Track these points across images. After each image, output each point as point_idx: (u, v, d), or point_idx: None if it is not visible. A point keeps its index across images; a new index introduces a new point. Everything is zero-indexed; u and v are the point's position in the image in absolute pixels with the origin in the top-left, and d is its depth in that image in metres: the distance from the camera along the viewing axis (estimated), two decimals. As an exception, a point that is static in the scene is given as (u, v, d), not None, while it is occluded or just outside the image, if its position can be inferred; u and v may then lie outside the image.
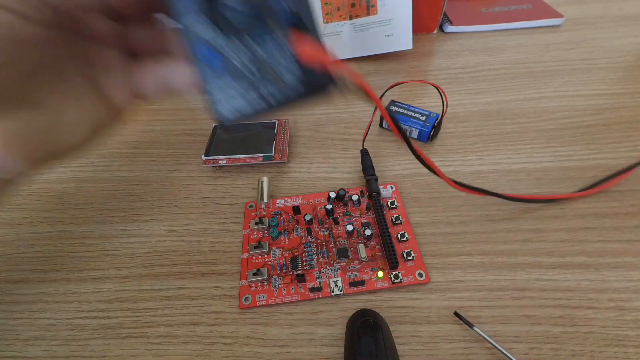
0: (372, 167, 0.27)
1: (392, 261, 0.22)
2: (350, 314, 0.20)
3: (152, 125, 0.34)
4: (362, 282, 0.21)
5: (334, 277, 0.22)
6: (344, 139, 0.31)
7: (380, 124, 0.32)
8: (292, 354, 0.19)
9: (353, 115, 0.34)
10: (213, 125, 0.32)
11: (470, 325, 0.19)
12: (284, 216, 0.25)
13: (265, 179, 0.26)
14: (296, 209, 0.25)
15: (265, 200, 0.26)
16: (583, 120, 0.31)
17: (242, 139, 0.30)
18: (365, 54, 0.40)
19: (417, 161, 0.28)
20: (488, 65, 0.38)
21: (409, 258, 0.22)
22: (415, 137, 0.30)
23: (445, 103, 0.29)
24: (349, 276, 0.22)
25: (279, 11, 0.15)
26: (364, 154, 0.28)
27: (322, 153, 0.30)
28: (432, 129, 0.29)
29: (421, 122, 0.30)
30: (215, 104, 0.16)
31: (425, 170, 0.28)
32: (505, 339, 0.19)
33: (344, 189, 0.25)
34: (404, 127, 0.30)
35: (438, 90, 0.28)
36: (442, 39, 0.43)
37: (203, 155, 0.29)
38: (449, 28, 0.44)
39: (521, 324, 0.19)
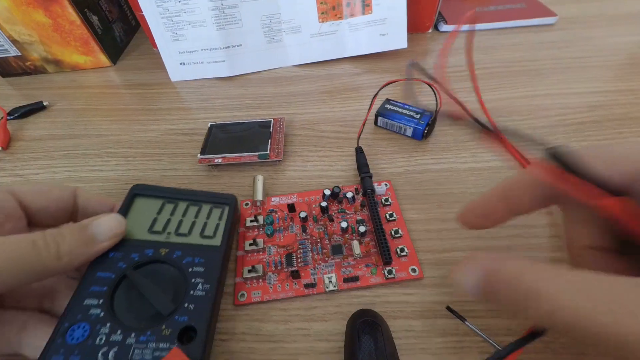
0: (367, 165, 0.27)
1: (385, 257, 0.22)
2: (344, 310, 0.21)
3: (148, 125, 0.34)
4: (356, 278, 0.22)
5: (329, 273, 0.22)
6: (339, 137, 0.31)
7: (375, 122, 0.32)
8: (286, 349, 0.19)
9: (348, 114, 0.34)
10: (209, 125, 0.32)
11: (463, 319, 0.19)
12: (279, 214, 0.25)
13: (260, 177, 0.27)
14: (291, 207, 0.25)
15: (260, 198, 0.26)
16: (575, 117, 0.31)
17: (238, 138, 0.30)
18: (361, 53, 0.40)
19: (411, 159, 0.29)
20: (482, 63, 0.39)
21: (402, 254, 0.22)
22: (410, 135, 0.30)
23: (439, 101, 0.29)
24: (344, 272, 0.22)
25: (174, 323, 0.16)
26: (359, 152, 0.28)
27: (318, 151, 0.30)
28: (427, 127, 0.29)
29: (415, 120, 0.30)
30: None
31: (419, 167, 0.28)
32: (496, 332, 0.19)
33: (338, 187, 0.25)
34: (398, 125, 0.30)
35: (432, 88, 0.29)
36: (437, 38, 0.44)
37: (199, 154, 0.29)
38: (444, 27, 0.44)
39: (512, 318, 0.20)
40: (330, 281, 0.21)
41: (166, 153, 0.31)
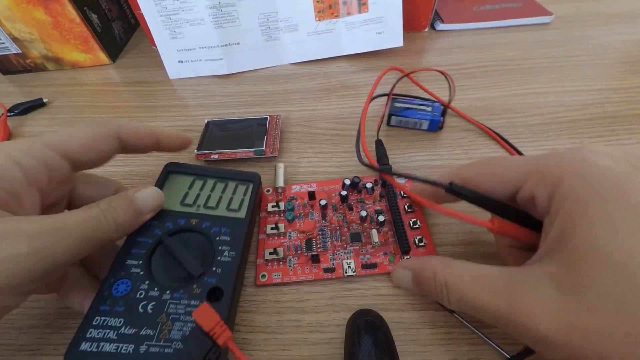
0: (387, 157, 0.28)
1: (404, 246, 0.22)
2: (337, 302, 0.21)
3: (147, 121, 0.35)
4: (374, 265, 0.22)
5: (347, 259, 0.23)
6: (334, 134, 0.32)
7: (388, 123, 0.32)
8: (279, 340, 0.20)
9: (344, 112, 0.34)
10: (206, 121, 0.32)
11: (451, 311, 0.20)
12: (299, 201, 0.26)
13: (281, 165, 0.27)
14: (311, 195, 0.26)
15: (281, 185, 0.26)
16: (568, 115, 0.31)
17: (234, 134, 0.31)
18: (357, 51, 0.40)
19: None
20: (478, 62, 0.39)
21: (420, 244, 0.23)
22: (426, 128, 0.31)
23: (452, 89, 0.29)
24: (362, 259, 0.23)
25: (203, 283, 0.18)
26: (379, 144, 0.29)
27: (313, 148, 0.31)
28: (442, 117, 0.30)
29: (429, 113, 0.30)
30: (82, 334, 0.16)
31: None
32: (485, 324, 0.19)
33: (358, 177, 0.26)
34: (414, 120, 0.31)
35: (446, 77, 0.29)
36: (434, 37, 0.44)
37: (195, 150, 0.29)
38: (440, 26, 0.45)
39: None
40: (349, 266, 0.22)
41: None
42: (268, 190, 0.27)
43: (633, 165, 0.13)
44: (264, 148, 0.29)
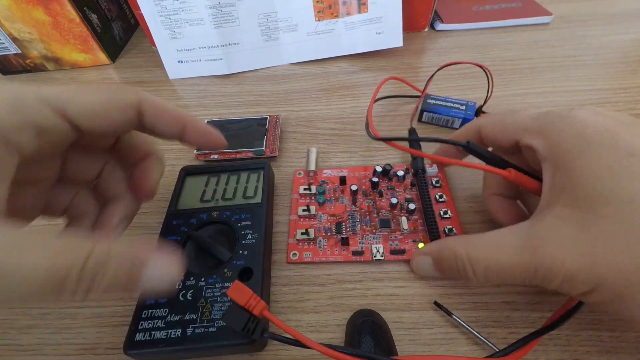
0: (420, 145, 0.28)
1: (433, 234, 0.22)
2: (336, 302, 0.21)
3: (146, 122, 0.35)
4: (402, 251, 0.22)
5: (376, 243, 0.23)
6: (334, 134, 0.32)
7: (419, 119, 0.32)
8: (278, 339, 0.20)
9: (344, 112, 0.34)
10: (205, 122, 0.32)
11: (449, 313, 0.20)
12: (330, 185, 0.27)
13: (314, 149, 0.28)
14: (342, 179, 0.27)
15: (313, 168, 0.27)
16: (568, 115, 0.31)
17: (234, 134, 0.31)
18: (357, 51, 0.40)
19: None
20: (477, 62, 0.39)
21: (450, 234, 0.23)
22: (458, 127, 0.31)
23: (491, 84, 0.29)
24: (390, 245, 0.23)
25: (233, 266, 0.20)
26: (412, 132, 0.29)
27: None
28: (475, 117, 0.30)
29: (463, 112, 0.30)
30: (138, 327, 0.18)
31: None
32: (485, 324, 0.20)
33: (390, 164, 0.26)
34: (446, 118, 0.31)
35: (486, 73, 0.29)
36: (433, 37, 0.44)
37: (195, 150, 0.29)
38: (440, 26, 0.45)
39: (500, 310, 0.20)
40: (378, 251, 0.22)
41: (164, 149, 0.31)
42: (300, 173, 0.28)
43: (620, 121, 0.16)
44: (263, 148, 0.29)
